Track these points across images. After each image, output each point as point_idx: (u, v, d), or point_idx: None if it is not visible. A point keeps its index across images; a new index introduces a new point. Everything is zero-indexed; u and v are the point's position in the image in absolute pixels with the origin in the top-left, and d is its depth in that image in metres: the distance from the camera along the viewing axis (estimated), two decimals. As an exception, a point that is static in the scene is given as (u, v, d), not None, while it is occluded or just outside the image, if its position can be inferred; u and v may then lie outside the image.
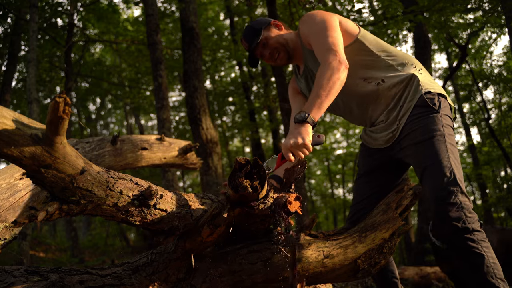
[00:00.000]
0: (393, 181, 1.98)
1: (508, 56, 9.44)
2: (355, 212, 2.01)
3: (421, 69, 1.87)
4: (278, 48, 1.95)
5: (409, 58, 1.89)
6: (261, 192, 1.46)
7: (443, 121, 1.73)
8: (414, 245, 8.15)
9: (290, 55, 1.98)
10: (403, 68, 1.84)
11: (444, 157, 1.68)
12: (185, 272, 1.68)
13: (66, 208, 1.29)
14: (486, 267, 1.59)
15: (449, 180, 1.64)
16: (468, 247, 1.60)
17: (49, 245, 10.45)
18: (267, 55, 1.97)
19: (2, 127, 1.09)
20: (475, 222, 1.63)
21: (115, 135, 2.78)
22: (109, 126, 19.88)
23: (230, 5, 9.87)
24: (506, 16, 5.21)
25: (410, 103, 1.78)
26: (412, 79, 1.80)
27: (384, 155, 1.93)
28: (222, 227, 1.55)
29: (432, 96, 1.76)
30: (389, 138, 1.86)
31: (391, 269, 2.03)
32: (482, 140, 12.38)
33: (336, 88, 1.66)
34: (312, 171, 16.42)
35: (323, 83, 1.64)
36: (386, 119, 1.86)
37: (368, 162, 2.01)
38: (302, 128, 1.61)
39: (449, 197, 1.62)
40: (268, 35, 1.95)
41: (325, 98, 1.63)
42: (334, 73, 1.65)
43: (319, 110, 1.63)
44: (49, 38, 9.24)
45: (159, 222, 1.48)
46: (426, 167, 1.71)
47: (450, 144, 1.71)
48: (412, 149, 1.77)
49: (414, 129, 1.76)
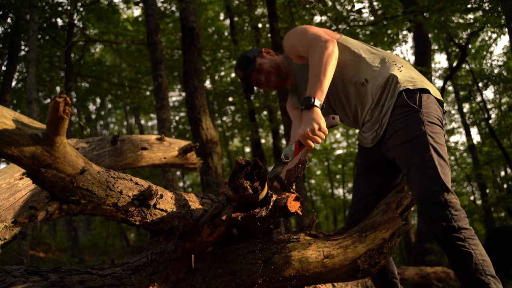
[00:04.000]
0: (390, 180, 1.99)
1: (508, 56, 9.43)
2: (354, 212, 2.01)
3: (402, 66, 1.86)
4: (272, 71, 2.05)
5: (390, 56, 1.92)
6: (261, 193, 1.46)
7: (425, 119, 1.71)
8: (414, 245, 8.15)
9: (283, 77, 2.08)
10: (384, 66, 1.85)
11: (426, 156, 1.66)
12: (185, 272, 1.68)
13: (66, 207, 1.29)
14: (475, 265, 1.59)
15: (433, 180, 1.63)
16: (455, 245, 1.60)
17: (49, 245, 10.45)
18: (262, 80, 2.07)
19: (2, 127, 1.09)
20: (461, 220, 1.61)
21: (115, 135, 2.78)
22: (109, 126, 19.89)
23: (230, 5, 9.87)
24: (506, 16, 5.21)
25: (390, 102, 1.78)
26: (391, 78, 1.80)
27: (376, 154, 1.94)
28: (222, 227, 1.55)
29: (413, 94, 1.75)
30: (374, 137, 1.87)
31: (391, 269, 2.03)
32: (482, 140, 12.37)
33: (331, 63, 1.73)
34: (312, 171, 16.42)
35: (317, 64, 1.72)
36: (370, 118, 1.88)
37: (364, 161, 2.03)
38: (313, 113, 1.68)
39: (433, 197, 1.62)
40: (261, 61, 2.06)
41: (323, 76, 1.70)
42: (323, 50, 1.73)
43: (321, 90, 1.70)
44: (49, 38, 9.24)
45: (159, 222, 1.48)
46: (410, 167, 1.70)
47: (434, 142, 1.69)
48: (397, 150, 1.77)
49: (396, 130, 1.75)
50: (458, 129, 14.23)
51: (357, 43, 1.96)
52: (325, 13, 5.86)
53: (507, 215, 10.67)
